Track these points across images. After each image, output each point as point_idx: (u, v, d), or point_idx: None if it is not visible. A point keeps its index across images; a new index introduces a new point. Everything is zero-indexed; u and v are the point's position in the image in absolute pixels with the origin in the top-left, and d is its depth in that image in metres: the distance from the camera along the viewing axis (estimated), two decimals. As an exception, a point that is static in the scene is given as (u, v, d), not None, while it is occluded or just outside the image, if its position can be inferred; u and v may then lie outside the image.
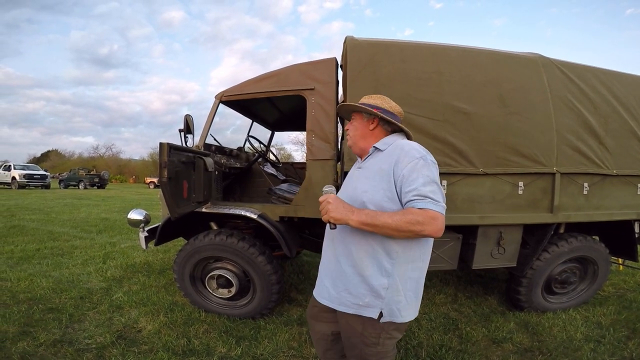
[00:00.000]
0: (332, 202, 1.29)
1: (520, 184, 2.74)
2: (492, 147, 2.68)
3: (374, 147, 1.48)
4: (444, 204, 1.25)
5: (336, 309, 1.44)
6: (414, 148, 1.35)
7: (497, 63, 2.74)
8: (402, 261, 1.34)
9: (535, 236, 3.01)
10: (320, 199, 1.34)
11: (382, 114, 1.47)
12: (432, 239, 1.40)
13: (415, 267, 1.38)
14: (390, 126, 1.50)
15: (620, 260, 3.95)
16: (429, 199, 1.21)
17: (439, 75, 2.63)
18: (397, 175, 1.30)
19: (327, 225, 1.43)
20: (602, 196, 2.97)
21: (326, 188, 1.37)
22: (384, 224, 1.22)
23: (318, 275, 1.59)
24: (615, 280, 4.17)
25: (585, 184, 2.89)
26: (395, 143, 1.43)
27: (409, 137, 1.54)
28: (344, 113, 1.69)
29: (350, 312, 1.39)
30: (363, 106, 1.50)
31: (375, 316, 1.36)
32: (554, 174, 2.78)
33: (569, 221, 2.95)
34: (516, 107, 2.70)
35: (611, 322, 3.02)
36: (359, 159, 1.61)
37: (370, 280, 1.35)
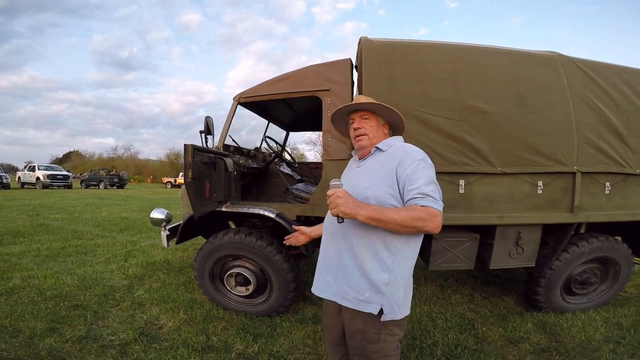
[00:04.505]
0: (342, 197, 1.31)
1: (540, 183, 2.71)
2: (511, 146, 2.66)
3: (376, 147, 1.54)
4: (442, 203, 1.33)
5: (338, 302, 1.48)
6: (415, 151, 1.44)
7: (515, 62, 2.71)
8: (402, 257, 1.40)
9: (555, 236, 2.97)
10: (329, 192, 1.35)
11: (403, 123, 1.59)
12: (422, 237, 1.47)
13: (411, 264, 1.45)
14: (394, 131, 1.63)
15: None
16: (430, 198, 1.29)
17: (456, 74, 2.62)
18: (400, 174, 1.37)
19: (325, 220, 1.53)
20: (624, 196, 2.91)
21: (334, 182, 1.38)
22: (390, 219, 1.28)
23: (316, 271, 1.63)
24: (638, 281, 4.07)
25: (607, 184, 2.83)
26: (396, 145, 1.53)
27: (400, 134, 1.65)
28: (342, 114, 1.71)
29: (350, 306, 1.43)
30: (399, 114, 1.57)
31: (376, 312, 1.38)
32: (574, 173, 2.73)
33: (589, 221, 2.89)
34: (535, 106, 2.67)
35: (632, 323, 2.96)
36: (355, 159, 1.67)
37: (370, 274, 1.39)
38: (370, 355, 1.47)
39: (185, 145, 2.20)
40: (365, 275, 1.40)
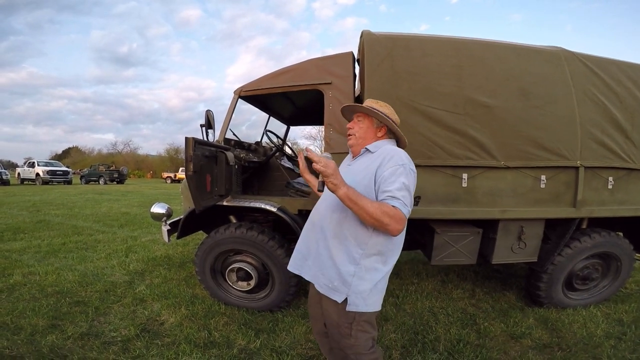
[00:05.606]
0: (333, 168, 1.32)
1: (543, 177, 2.70)
2: (514, 140, 2.65)
3: (366, 148, 1.61)
4: (410, 210, 1.40)
5: (313, 283, 1.61)
6: (399, 155, 1.48)
7: (519, 56, 2.69)
8: (370, 252, 1.48)
9: (557, 231, 2.96)
10: (322, 158, 1.33)
11: (397, 129, 1.61)
12: (402, 238, 1.55)
13: (382, 261, 1.51)
14: (394, 137, 1.66)
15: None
16: (401, 201, 1.36)
17: (460, 68, 2.60)
18: (378, 175, 1.45)
19: (313, 209, 1.67)
20: (627, 191, 2.90)
21: (326, 154, 1.45)
22: (363, 205, 1.32)
23: (296, 251, 1.73)
24: (639, 277, 4.07)
25: (610, 179, 2.82)
26: (384, 147, 1.58)
27: (402, 144, 1.67)
28: (349, 111, 1.73)
29: (321, 291, 1.55)
30: (390, 120, 1.60)
31: (340, 300, 1.49)
32: (577, 167, 2.72)
33: (592, 216, 2.88)
34: (538, 100, 2.66)
35: (633, 320, 2.96)
36: (349, 157, 1.74)
37: (339, 266, 1.49)
38: (345, 350, 1.58)
39: (186, 138, 2.19)
40: (335, 265, 1.51)
